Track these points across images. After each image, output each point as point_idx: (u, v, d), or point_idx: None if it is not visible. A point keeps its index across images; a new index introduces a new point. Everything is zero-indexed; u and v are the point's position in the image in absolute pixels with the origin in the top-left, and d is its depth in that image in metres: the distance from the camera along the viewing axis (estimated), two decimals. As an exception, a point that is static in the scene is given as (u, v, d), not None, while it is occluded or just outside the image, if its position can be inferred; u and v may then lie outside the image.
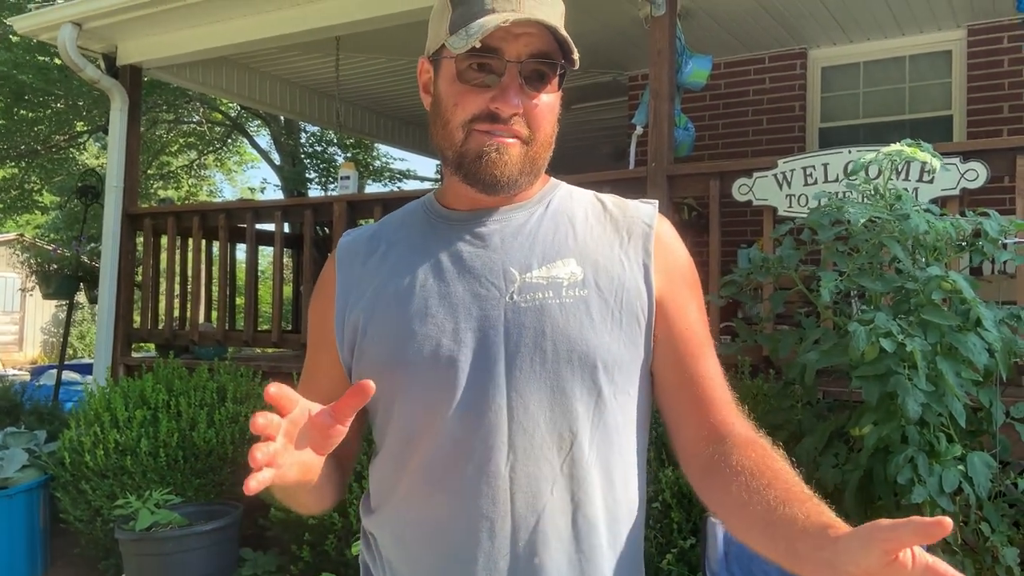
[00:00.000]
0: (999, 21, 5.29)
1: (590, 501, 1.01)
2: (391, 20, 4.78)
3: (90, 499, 3.94)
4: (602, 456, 1.02)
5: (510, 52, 0.98)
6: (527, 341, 1.00)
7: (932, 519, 0.68)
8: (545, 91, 1.01)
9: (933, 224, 2.44)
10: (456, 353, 1.01)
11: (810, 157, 3.57)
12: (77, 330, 17.36)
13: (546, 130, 1.03)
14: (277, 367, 4.79)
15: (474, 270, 1.04)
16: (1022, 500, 2.43)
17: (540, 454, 0.99)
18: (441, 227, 1.09)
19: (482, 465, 0.99)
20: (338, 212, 4.84)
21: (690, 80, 4.46)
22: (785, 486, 0.91)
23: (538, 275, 1.03)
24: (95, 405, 4.09)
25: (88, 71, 5.41)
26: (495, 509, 0.99)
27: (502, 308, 1.02)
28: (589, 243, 1.07)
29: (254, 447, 0.79)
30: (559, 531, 1.00)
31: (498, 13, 0.96)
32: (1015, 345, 2.43)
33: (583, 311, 1.02)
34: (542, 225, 1.07)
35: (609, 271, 1.05)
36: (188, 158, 14.39)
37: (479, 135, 1.00)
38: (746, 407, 1.08)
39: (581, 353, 1.00)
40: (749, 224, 5.58)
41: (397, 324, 1.04)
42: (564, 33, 0.97)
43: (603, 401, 1.02)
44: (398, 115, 8.33)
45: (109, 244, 5.55)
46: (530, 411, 0.99)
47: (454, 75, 1.01)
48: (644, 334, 1.05)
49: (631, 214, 1.10)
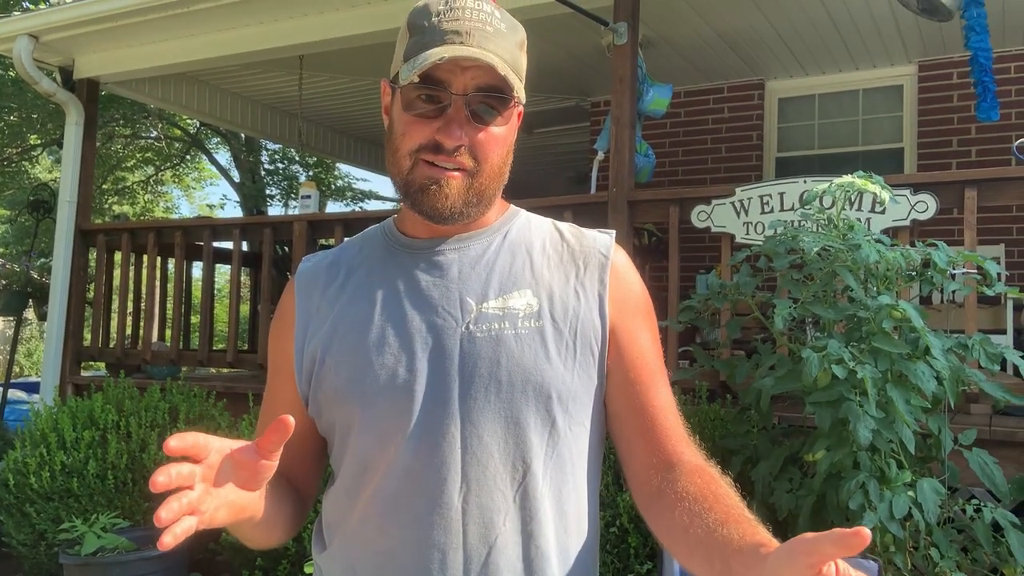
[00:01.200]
0: (949, 57, 5.47)
1: (542, 532, 1.00)
2: (353, 41, 4.79)
3: (35, 522, 3.82)
4: (555, 487, 1.02)
5: (457, 85, 0.98)
6: (482, 371, 1.00)
7: (851, 530, 0.68)
8: (494, 124, 1.01)
9: (884, 254, 2.50)
10: (411, 383, 1.00)
11: (767, 186, 3.64)
12: (25, 347, 16.92)
13: (493, 161, 1.03)
14: (232, 387, 4.71)
15: (431, 300, 1.05)
16: (970, 526, 2.48)
17: (493, 485, 0.99)
18: (400, 255, 1.09)
19: (435, 496, 0.98)
20: (298, 231, 4.80)
21: (651, 108, 4.53)
22: (725, 509, 0.91)
23: (495, 306, 1.04)
24: (41, 425, 3.98)
25: (44, 84, 5.32)
26: (447, 540, 0.98)
27: (458, 338, 1.02)
28: (545, 274, 1.07)
29: (156, 472, 0.76)
30: (511, 562, 0.99)
31: (446, 46, 0.97)
32: (963, 373, 2.49)
33: (538, 342, 1.02)
34: (500, 255, 1.08)
35: (565, 302, 1.05)
36: (145, 173, 14.17)
37: (424, 166, 1.01)
38: (703, 432, 1.09)
39: (536, 384, 1.00)
40: (708, 250, 5.66)
41: (354, 353, 1.04)
42: (504, 72, 0.97)
43: (557, 432, 1.02)
44: (361, 135, 8.32)
45: (60, 260, 5.43)
46: (484, 441, 0.99)
47: (404, 104, 1.02)
48: (598, 365, 1.05)
49: (588, 244, 1.11)
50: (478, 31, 0.98)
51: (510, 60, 1.00)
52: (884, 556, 2.36)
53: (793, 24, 5.09)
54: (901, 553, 2.40)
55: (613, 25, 4.00)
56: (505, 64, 0.98)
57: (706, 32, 5.24)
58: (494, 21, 1.00)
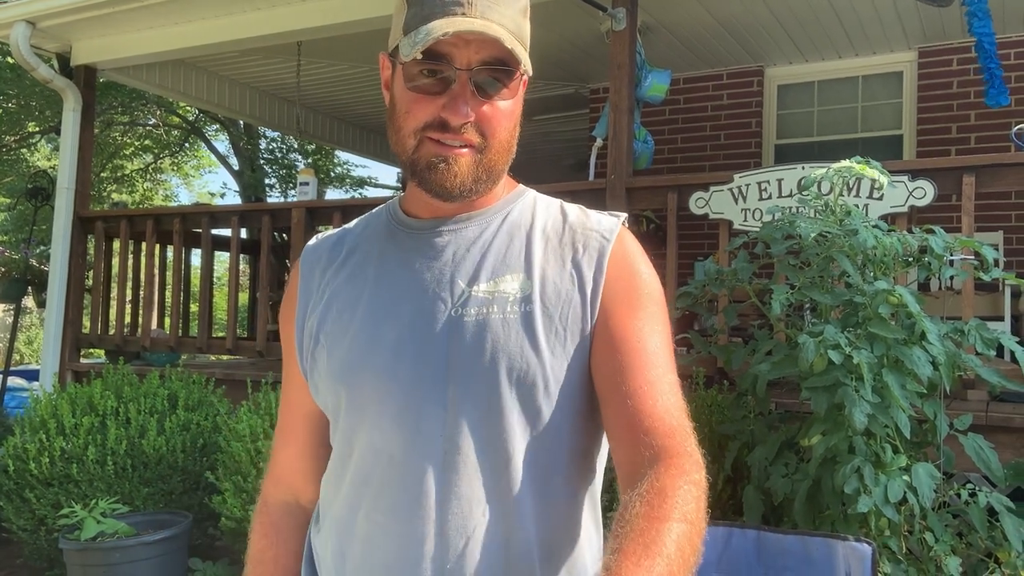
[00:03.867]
0: (949, 44, 5.45)
1: (522, 525, 0.97)
2: (352, 27, 4.77)
3: (34, 508, 3.83)
4: (538, 478, 0.98)
5: (460, 59, 0.94)
6: (466, 356, 0.97)
7: None
8: (500, 97, 0.98)
9: (881, 239, 2.50)
10: (396, 366, 0.99)
11: (765, 172, 3.63)
12: (24, 335, 16.93)
13: (501, 136, 0.99)
14: (231, 374, 4.72)
15: (424, 282, 1.02)
16: (965, 511, 2.49)
17: (473, 474, 0.96)
18: (400, 235, 1.08)
19: (414, 483, 0.96)
20: (296, 218, 4.80)
21: (649, 94, 4.52)
22: (623, 537, 0.83)
23: (484, 289, 1.00)
24: (41, 411, 3.99)
25: (41, 70, 5.30)
26: (425, 528, 0.96)
27: (446, 322, 0.99)
28: (540, 257, 1.03)
29: None
30: (489, 553, 0.96)
31: (448, 17, 0.93)
32: (959, 359, 2.50)
33: (527, 327, 0.98)
34: (497, 237, 1.04)
35: (558, 286, 1.01)
36: (143, 161, 14.13)
37: (430, 143, 0.97)
38: (700, 418, 1.06)
39: (520, 371, 0.96)
40: (706, 237, 5.66)
41: (344, 333, 1.03)
42: (511, 45, 0.93)
43: (541, 421, 0.98)
44: (359, 122, 8.30)
45: (59, 247, 5.43)
46: (464, 429, 0.96)
47: (405, 80, 0.98)
48: (588, 351, 1.00)
49: (590, 227, 1.05)
50: (480, 0, 0.94)
51: (514, 29, 0.96)
52: (879, 540, 2.37)
53: (793, 10, 5.07)
54: (896, 537, 2.42)
55: (611, 11, 3.99)
56: (510, 35, 0.94)
57: (705, 18, 5.22)
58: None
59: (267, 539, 1.17)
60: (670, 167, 6.10)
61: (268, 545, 1.17)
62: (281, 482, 1.19)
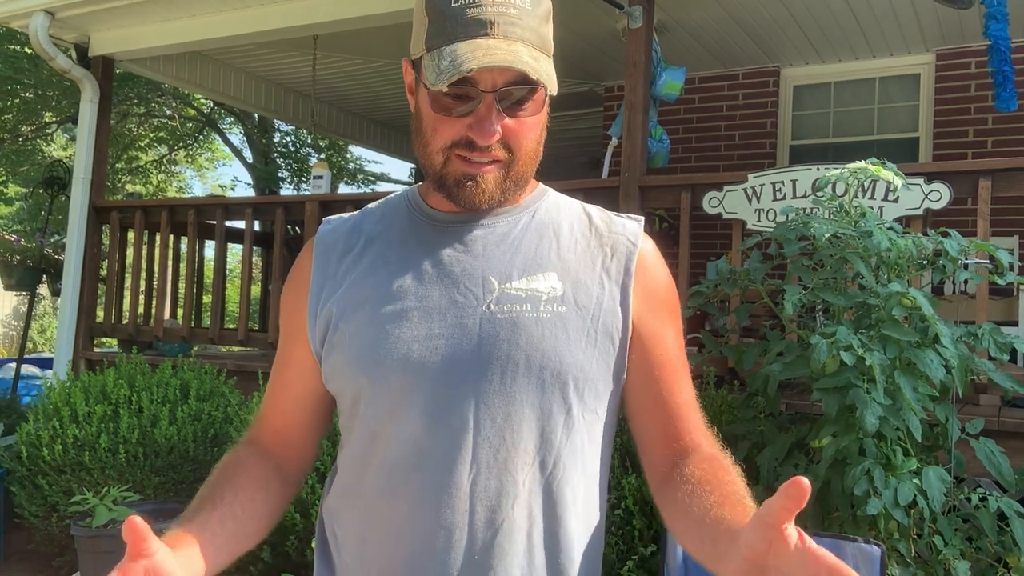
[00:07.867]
0: (967, 47, 5.41)
1: (549, 519, 1.00)
2: (368, 22, 4.78)
3: (46, 494, 3.87)
4: (565, 474, 1.01)
5: (485, 82, 0.95)
6: (499, 353, 0.99)
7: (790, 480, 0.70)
8: (526, 113, 0.99)
9: (895, 242, 2.49)
10: (426, 359, 0.99)
11: (779, 173, 3.62)
12: (38, 324, 17.04)
13: (528, 147, 1.01)
14: (243, 366, 4.75)
15: (453, 275, 1.03)
16: (975, 515, 2.48)
17: (503, 468, 0.98)
18: (424, 227, 1.08)
19: (443, 475, 0.98)
20: (310, 211, 4.82)
21: (664, 91, 4.51)
22: (724, 491, 0.92)
23: (517, 286, 1.02)
24: (54, 399, 4.02)
25: (59, 61, 5.33)
26: (453, 520, 0.98)
27: (478, 317, 1.00)
28: (571, 258, 1.05)
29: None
30: (516, 547, 0.98)
31: (471, 40, 0.93)
32: (972, 362, 2.49)
33: (559, 327, 1.00)
34: (526, 235, 1.06)
35: (589, 288, 1.04)
36: (158, 153, 14.20)
37: (457, 160, 0.99)
38: (710, 418, 1.10)
39: (553, 369, 0.99)
40: (719, 237, 5.65)
41: (370, 324, 1.02)
42: (535, 75, 0.93)
43: (571, 419, 1.01)
44: (374, 117, 8.31)
45: (74, 237, 5.47)
46: (496, 424, 0.98)
47: (431, 101, 0.99)
48: (617, 355, 1.04)
49: (616, 231, 1.09)
50: (502, 17, 0.94)
51: (537, 42, 0.97)
52: (888, 542, 2.36)
53: (810, 10, 5.04)
54: (905, 540, 2.41)
55: (628, 9, 3.98)
56: (534, 55, 0.94)
57: (722, 17, 5.20)
58: (517, 0, 0.95)
59: (239, 464, 1.16)
60: (684, 166, 6.09)
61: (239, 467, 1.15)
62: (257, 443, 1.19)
